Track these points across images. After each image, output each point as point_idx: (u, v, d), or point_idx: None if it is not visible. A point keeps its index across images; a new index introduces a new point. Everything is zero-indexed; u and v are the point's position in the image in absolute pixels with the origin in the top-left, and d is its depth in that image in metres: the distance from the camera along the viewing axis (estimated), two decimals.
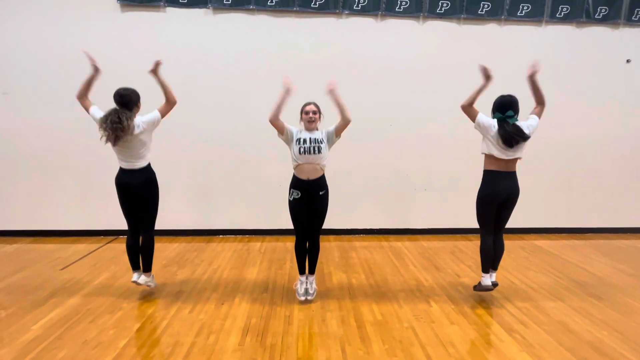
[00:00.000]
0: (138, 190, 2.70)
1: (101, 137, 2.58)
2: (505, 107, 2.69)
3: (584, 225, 4.85)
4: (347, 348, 2.29)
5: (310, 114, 2.74)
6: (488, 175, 2.74)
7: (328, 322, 2.59)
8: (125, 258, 3.77)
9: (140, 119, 2.66)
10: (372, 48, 4.33)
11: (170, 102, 2.77)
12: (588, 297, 3.03)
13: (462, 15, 4.32)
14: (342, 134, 2.84)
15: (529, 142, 2.68)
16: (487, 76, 2.71)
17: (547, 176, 4.71)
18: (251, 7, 4.16)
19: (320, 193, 2.75)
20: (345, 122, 2.75)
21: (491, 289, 2.85)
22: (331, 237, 4.53)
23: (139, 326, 2.52)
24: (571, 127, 4.65)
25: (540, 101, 2.80)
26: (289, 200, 2.79)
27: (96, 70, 2.73)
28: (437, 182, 4.66)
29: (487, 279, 2.81)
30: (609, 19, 4.43)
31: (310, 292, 2.90)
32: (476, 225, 3.14)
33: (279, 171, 3.13)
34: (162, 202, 2.93)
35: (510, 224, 4.70)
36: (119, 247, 4.14)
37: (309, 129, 2.76)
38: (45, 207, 4.44)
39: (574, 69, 4.52)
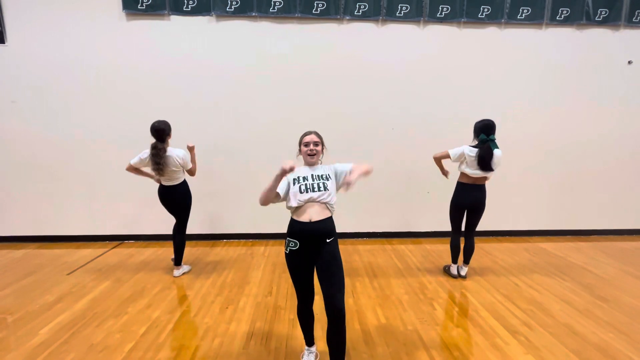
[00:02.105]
0: (175, 201, 3.40)
1: (154, 173, 3.24)
2: (489, 130, 3.09)
3: (589, 227, 4.83)
4: (351, 351, 2.30)
5: (311, 146, 2.11)
6: (459, 186, 3.32)
7: None
8: (129, 262, 3.82)
9: (178, 156, 3.23)
10: (374, 53, 4.38)
11: (190, 173, 3.47)
12: (593, 299, 3.01)
13: (463, 19, 4.35)
14: (345, 144, 2.80)
15: (532, 144, 2.74)
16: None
17: (550, 178, 4.70)
18: (254, 14, 4.23)
19: (328, 240, 1.99)
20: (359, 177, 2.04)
21: (455, 277, 3.40)
22: None
23: (145, 330, 2.54)
24: (574, 129, 4.65)
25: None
26: (285, 253, 2.05)
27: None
28: (440, 185, 4.65)
29: (455, 269, 3.44)
30: (610, 21, 4.44)
31: None
32: (479, 228, 3.30)
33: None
34: None
35: (514, 226, 4.78)
36: (125, 252, 4.18)
37: (309, 163, 2.15)
38: (52, 213, 4.49)
39: (575, 71, 4.53)
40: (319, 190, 2.04)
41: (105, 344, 2.38)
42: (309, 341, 2.22)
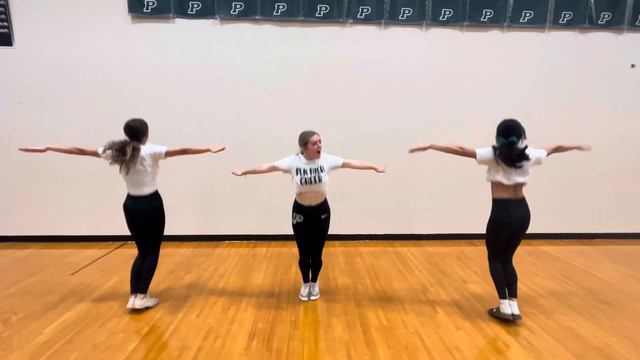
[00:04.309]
0: (144, 218, 2.76)
1: (110, 163, 2.68)
2: (509, 132, 2.58)
3: (592, 231, 4.80)
4: (352, 353, 2.30)
5: (318, 144, 2.75)
6: (497, 203, 2.65)
7: (334, 327, 2.60)
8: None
9: (147, 149, 2.70)
10: (376, 56, 4.40)
11: (184, 152, 2.76)
12: (597, 303, 2.99)
13: (465, 23, 4.37)
14: (347, 146, 2.94)
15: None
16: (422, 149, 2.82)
17: (554, 181, 4.68)
18: (257, 17, 4.27)
19: (322, 217, 2.84)
20: (356, 168, 2.90)
21: (510, 320, 2.62)
22: (337, 242, 4.55)
23: (148, 330, 2.56)
24: (577, 132, 4.61)
25: (560, 149, 2.88)
26: (293, 224, 2.89)
27: (43, 150, 2.90)
28: (443, 187, 4.66)
29: (507, 307, 2.63)
30: (613, 25, 4.44)
31: (314, 293, 3.06)
32: (481, 231, 3.12)
33: (284, 177, 3.17)
34: (169, 208, 2.97)
35: None
36: (128, 253, 4.20)
37: (313, 158, 2.77)
38: (56, 213, 4.53)
39: (578, 74, 4.53)
40: (315, 182, 2.72)
41: (108, 343, 2.40)
42: (306, 280, 3.08)
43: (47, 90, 4.33)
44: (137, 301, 2.77)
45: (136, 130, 2.70)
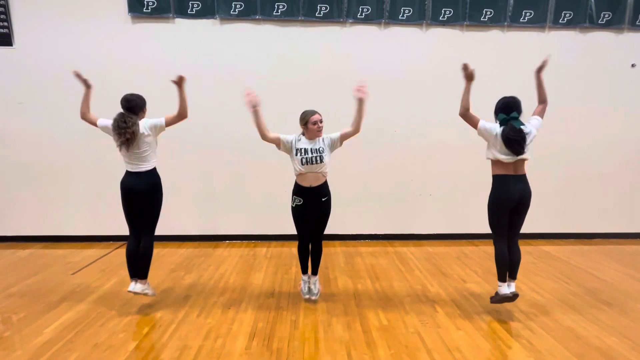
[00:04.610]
0: (142, 194, 2.70)
1: (117, 144, 2.64)
2: (510, 108, 2.61)
3: (592, 231, 4.80)
4: (352, 353, 2.30)
5: (319, 123, 2.73)
6: (497, 179, 2.64)
7: (334, 327, 2.60)
8: None
9: (145, 123, 2.70)
10: (376, 56, 4.39)
11: (180, 115, 2.80)
12: (597, 303, 2.99)
13: (465, 22, 4.37)
14: (346, 146, 2.89)
15: (535, 147, 2.64)
16: (469, 75, 2.65)
17: (554, 181, 4.68)
18: (257, 17, 4.27)
19: (323, 199, 2.79)
20: (355, 132, 2.78)
21: (511, 299, 2.64)
22: (336, 242, 4.55)
23: (148, 330, 2.56)
24: (577, 131, 4.63)
25: (542, 99, 2.78)
26: (292, 207, 2.83)
27: (88, 86, 2.84)
28: (443, 187, 4.66)
29: (505, 288, 2.65)
30: (613, 24, 4.43)
31: (314, 292, 2.97)
32: (482, 231, 3.17)
33: (284, 177, 3.18)
34: (170, 208, 2.99)
35: None
36: None
37: (314, 137, 2.75)
38: (57, 213, 4.54)
39: (578, 74, 4.52)
40: (316, 162, 2.69)
41: (109, 343, 2.40)
42: (304, 270, 2.98)
43: (47, 90, 4.33)
44: (138, 286, 2.77)
45: (133, 103, 2.66)
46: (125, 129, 2.56)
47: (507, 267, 2.68)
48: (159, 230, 4.50)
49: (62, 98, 4.34)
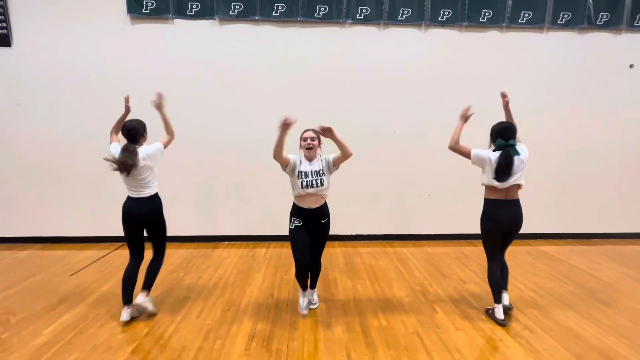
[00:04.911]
0: (144, 220, 2.70)
1: (110, 168, 2.61)
2: (507, 134, 2.61)
3: (591, 231, 4.81)
4: (352, 353, 2.30)
5: (308, 140, 2.58)
6: (488, 203, 2.68)
7: (333, 328, 2.60)
8: None
9: (146, 151, 2.67)
10: (375, 56, 4.40)
11: (171, 136, 2.86)
12: (596, 303, 3.00)
13: (464, 23, 4.38)
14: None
15: (535, 147, 2.62)
16: (467, 118, 2.77)
17: (552, 181, 4.69)
18: (256, 17, 4.27)
19: (323, 221, 2.68)
20: (345, 157, 2.57)
21: (502, 324, 2.63)
22: (336, 243, 4.55)
23: (147, 331, 2.56)
24: (576, 132, 4.65)
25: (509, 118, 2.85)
26: (290, 228, 2.67)
27: (128, 110, 2.90)
28: (442, 187, 4.67)
29: (500, 312, 2.66)
30: (611, 25, 4.45)
31: (313, 302, 2.92)
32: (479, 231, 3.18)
33: (283, 178, 3.17)
34: (169, 208, 2.97)
35: None
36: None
37: (308, 157, 2.63)
38: (55, 214, 4.53)
39: (576, 75, 4.54)
40: (316, 186, 2.58)
41: (108, 344, 2.40)
42: (304, 288, 2.80)
43: (46, 91, 4.32)
44: (140, 297, 2.69)
45: (133, 131, 2.67)
46: (130, 162, 2.56)
47: (500, 288, 2.71)
48: None
49: (61, 99, 4.35)
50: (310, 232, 2.66)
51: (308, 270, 2.72)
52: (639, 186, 4.77)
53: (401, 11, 4.32)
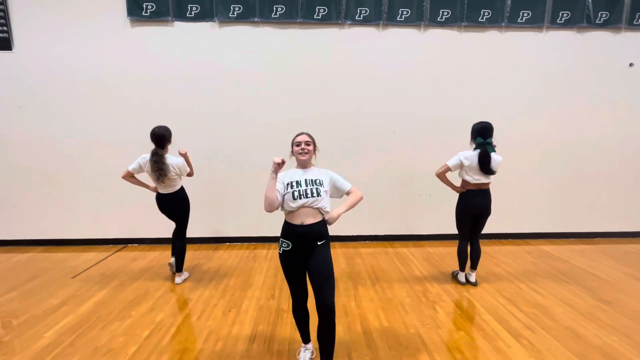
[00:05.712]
0: (172, 209, 3.35)
1: (153, 178, 3.20)
2: (487, 133, 3.04)
3: (592, 230, 4.81)
4: (353, 354, 2.30)
5: (303, 145, 2.13)
6: (464, 193, 3.21)
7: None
8: (133, 266, 3.85)
9: (176, 164, 3.19)
10: (375, 57, 4.41)
11: (191, 175, 3.43)
12: (597, 302, 3.00)
13: (463, 23, 4.38)
14: (346, 147, 2.81)
15: (534, 146, 2.70)
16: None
17: (553, 180, 4.69)
18: (256, 19, 4.28)
19: (319, 243, 2.05)
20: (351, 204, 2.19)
21: (464, 284, 3.32)
22: (337, 243, 4.55)
23: (148, 333, 2.56)
24: (576, 131, 4.65)
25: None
26: (279, 253, 2.13)
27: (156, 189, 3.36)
28: (442, 187, 4.64)
29: (463, 277, 3.35)
30: (610, 24, 4.45)
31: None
32: (483, 231, 3.26)
33: None
34: None
35: (517, 229, 4.77)
36: (128, 256, 4.21)
37: (301, 164, 2.17)
38: (57, 217, 4.54)
39: (576, 74, 4.54)
40: (312, 196, 2.06)
41: (109, 346, 2.40)
42: (305, 339, 2.27)
43: (46, 94, 4.34)
44: (177, 279, 3.39)
45: (161, 137, 3.11)
46: (161, 166, 3.11)
47: (466, 261, 3.34)
48: (159, 233, 4.55)
49: (61, 102, 4.36)
50: (304, 259, 2.04)
51: (305, 305, 2.15)
52: (639, 184, 4.76)
53: (400, 12, 4.32)
